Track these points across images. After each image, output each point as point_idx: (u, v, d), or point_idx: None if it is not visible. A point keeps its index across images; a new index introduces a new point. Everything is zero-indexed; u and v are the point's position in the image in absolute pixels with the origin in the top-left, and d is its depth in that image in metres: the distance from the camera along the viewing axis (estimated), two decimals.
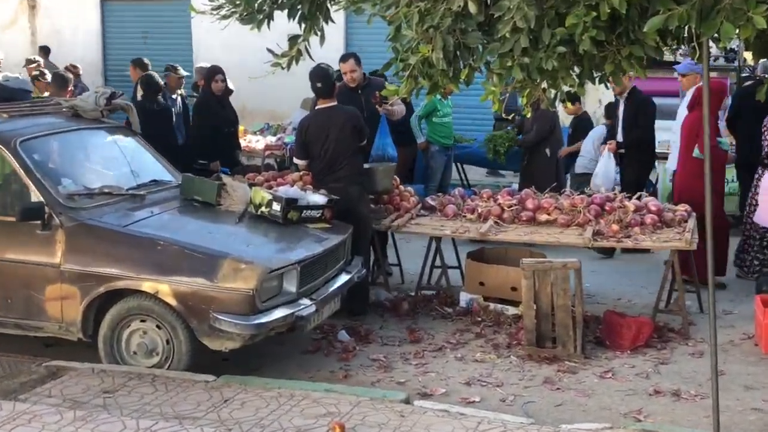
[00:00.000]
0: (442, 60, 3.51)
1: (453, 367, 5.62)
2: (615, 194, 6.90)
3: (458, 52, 3.65)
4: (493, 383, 5.33)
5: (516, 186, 8.47)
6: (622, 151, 8.40)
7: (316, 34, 4.03)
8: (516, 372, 5.51)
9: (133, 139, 6.59)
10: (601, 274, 7.83)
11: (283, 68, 4.06)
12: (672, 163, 8.23)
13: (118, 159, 6.34)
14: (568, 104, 8.16)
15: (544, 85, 4.00)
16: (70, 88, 7.87)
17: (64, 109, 6.38)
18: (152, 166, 6.48)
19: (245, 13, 3.91)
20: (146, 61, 9.92)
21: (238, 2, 3.87)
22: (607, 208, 6.66)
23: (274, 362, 5.68)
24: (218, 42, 13.53)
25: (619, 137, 8.45)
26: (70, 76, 8.45)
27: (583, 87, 4.06)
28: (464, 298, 6.68)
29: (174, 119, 8.98)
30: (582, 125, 9.68)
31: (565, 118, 10.17)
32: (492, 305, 6.54)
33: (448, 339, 6.10)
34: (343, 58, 7.40)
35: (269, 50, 4.11)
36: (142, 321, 5.21)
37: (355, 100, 7.16)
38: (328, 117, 6.55)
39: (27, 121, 5.88)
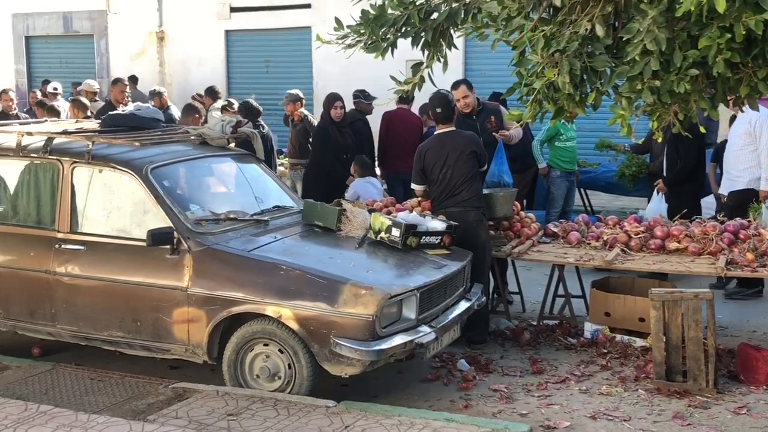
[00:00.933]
0: (568, 84, 3.43)
1: (578, 399, 5.45)
2: (750, 221, 6.58)
3: (585, 76, 3.56)
4: (620, 417, 5.13)
5: (643, 212, 8.17)
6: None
7: (439, 61, 4.02)
8: (644, 406, 5.30)
9: (256, 165, 6.74)
10: (734, 305, 7.47)
11: (405, 95, 4.05)
12: (723, 189, 8.00)
13: (243, 185, 6.50)
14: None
15: (675, 108, 3.85)
16: (197, 116, 8.12)
17: (191, 138, 6.58)
18: (275, 192, 6.61)
19: (369, 42, 3.93)
20: (217, 89, 10.37)
21: (362, 31, 3.90)
22: (741, 236, 6.36)
23: (393, 389, 5.65)
24: (337, 70, 13.78)
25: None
26: (198, 105, 8.73)
27: (717, 110, 3.89)
28: (589, 328, 6.49)
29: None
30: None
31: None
32: (618, 336, 6.32)
33: (572, 371, 5.93)
34: (454, 86, 7.34)
35: (392, 78, 4.12)
36: (265, 345, 5.28)
37: (471, 127, 7.10)
38: (448, 141, 6.52)
39: (157, 149, 6.08)
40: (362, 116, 9.61)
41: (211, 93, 11.23)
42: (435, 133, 6.72)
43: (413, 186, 6.78)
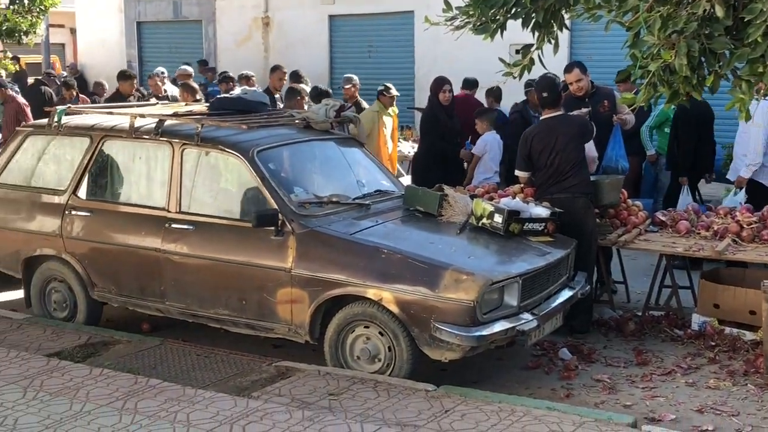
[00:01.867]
0: (685, 66, 3.30)
1: (684, 392, 5.30)
2: None
3: (703, 58, 3.42)
4: (728, 412, 4.96)
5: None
6: None
7: (550, 43, 3.93)
8: (753, 401, 5.11)
9: (359, 149, 6.77)
10: None
11: (514, 77, 3.99)
12: (732, 175, 7.86)
13: (345, 169, 6.54)
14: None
15: None
16: (299, 99, 8.20)
17: (296, 121, 6.66)
18: (376, 176, 6.64)
19: (479, 23, 3.88)
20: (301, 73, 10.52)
21: (471, 13, 3.86)
22: None
23: (492, 376, 5.61)
24: (440, 54, 13.74)
25: None
26: (303, 87, 8.82)
27: None
28: (697, 320, 6.29)
29: None
30: None
31: None
32: (728, 329, 6.10)
33: (678, 363, 5.76)
34: (568, 69, 7.20)
35: (501, 60, 4.06)
36: (366, 327, 5.32)
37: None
38: (556, 126, 6.39)
39: (263, 132, 6.17)
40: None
41: (295, 77, 11.20)
42: (541, 118, 6.61)
43: (517, 172, 6.69)
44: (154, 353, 5.70)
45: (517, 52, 4.17)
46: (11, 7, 7.34)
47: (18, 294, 6.96)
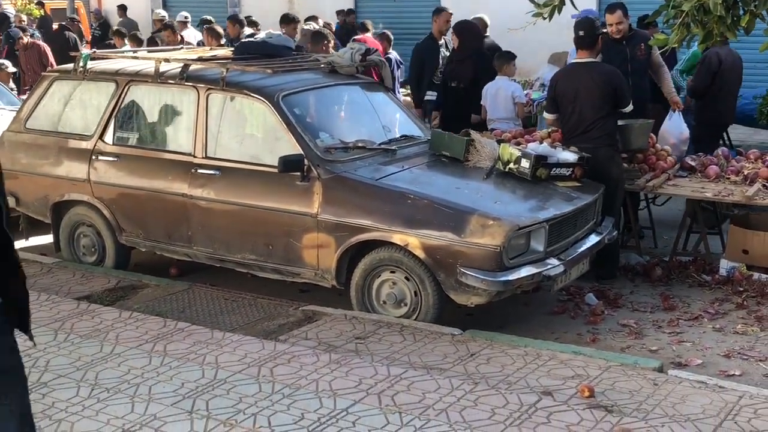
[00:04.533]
0: (720, 5, 3.22)
1: (710, 338, 5.28)
2: None
3: None
4: (756, 357, 4.95)
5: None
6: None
7: None
8: None
9: (384, 94, 6.71)
10: None
11: (544, 18, 3.91)
12: None
13: (371, 114, 6.50)
14: None
15: None
16: (326, 43, 8.13)
17: (321, 65, 6.61)
18: (402, 121, 6.59)
19: None
20: (241, 17, 10.31)
21: None
22: None
23: (518, 321, 5.62)
24: None
25: None
26: (327, 32, 8.74)
27: None
28: (725, 265, 6.24)
29: None
30: None
31: None
32: (756, 275, 6.05)
33: (705, 308, 5.74)
34: (611, 9, 6.98)
35: (531, 0, 3.97)
36: (392, 272, 5.33)
37: (619, 53, 6.82)
38: (583, 74, 6.27)
39: (288, 77, 6.12)
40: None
41: (238, 20, 11.01)
42: (572, 60, 6.50)
43: (545, 114, 6.62)
44: (182, 297, 5.76)
45: None
46: None
47: (46, 239, 7.05)
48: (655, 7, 4.08)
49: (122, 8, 16.45)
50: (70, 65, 6.74)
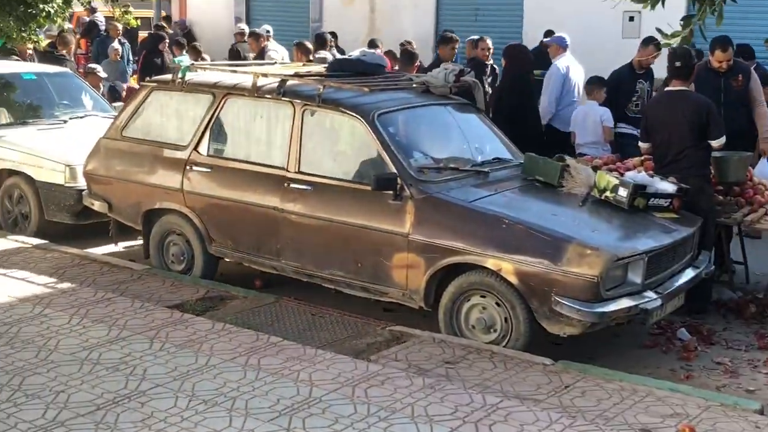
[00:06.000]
0: None
1: None
2: None
3: None
4: None
5: None
6: None
7: (713, 14, 3.75)
8: None
9: (477, 116, 6.67)
10: None
11: (673, 48, 3.82)
12: None
13: (463, 135, 6.46)
14: None
15: None
16: (416, 64, 8.13)
17: (414, 85, 6.60)
18: (494, 144, 6.53)
19: None
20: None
21: None
22: None
23: (608, 353, 5.50)
24: (549, 19, 13.39)
25: None
26: (416, 52, 8.74)
27: None
28: None
29: None
30: None
31: None
32: None
33: None
34: (723, 46, 6.79)
35: (658, 30, 3.90)
36: (482, 296, 5.27)
37: (714, 84, 6.67)
38: (676, 103, 6.13)
39: (383, 95, 6.13)
40: None
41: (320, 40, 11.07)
42: (665, 89, 6.38)
43: (640, 143, 6.51)
44: (269, 310, 5.78)
45: (631, 19, 3.96)
46: None
47: (132, 244, 7.17)
48: (755, 36, 3.94)
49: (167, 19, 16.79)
50: (169, 75, 6.86)
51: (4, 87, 8.56)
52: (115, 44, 12.48)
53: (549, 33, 8.52)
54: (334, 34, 13.61)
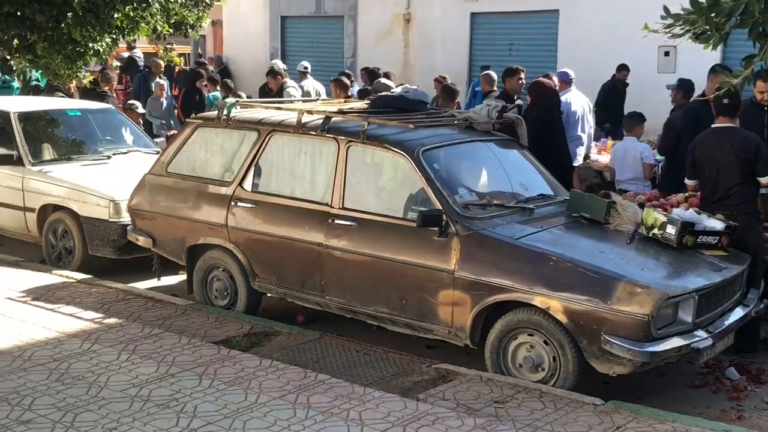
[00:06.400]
0: None
1: None
2: None
3: None
4: None
5: None
6: None
7: None
8: None
9: (520, 152, 6.67)
10: None
11: (735, 90, 3.80)
12: None
13: (507, 171, 6.44)
14: None
15: None
16: (457, 100, 8.16)
17: (457, 121, 6.62)
18: (538, 180, 6.51)
19: (700, 32, 3.72)
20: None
21: (693, 20, 3.69)
22: None
23: (656, 392, 5.43)
24: (584, 55, 13.44)
25: None
26: (458, 89, 8.78)
27: None
28: None
29: None
30: None
31: None
32: None
33: None
34: (765, 77, 6.78)
35: (722, 66, 3.88)
36: (530, 335, 5.23)
37: (758, 118, 6.62)
38: (722, 139, 6.10)
39: (427, 132, 6.15)
40: None
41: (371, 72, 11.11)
42: (712, 126, 6.34)
43: (687, 180, 6.46)
44: (314, 346, 5.77)
45: (666, 54, 3.95)
46: (179, 0, 7.60)
47: (175, 279, 7.21)
48: None
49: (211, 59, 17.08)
50: (214, 113, 6.93)
51: (49, 123, 8.72)
52: (161, 80, 12.68)
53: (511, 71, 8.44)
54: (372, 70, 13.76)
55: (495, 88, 9.94)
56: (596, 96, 11.65)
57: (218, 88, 12.25)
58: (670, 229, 5.55)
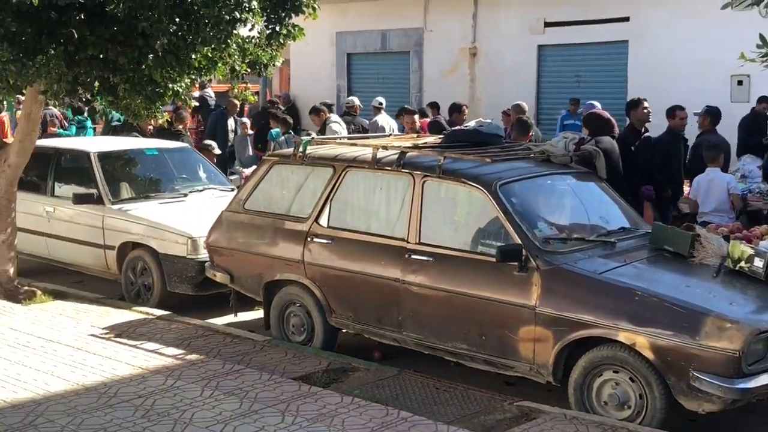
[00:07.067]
0: None
1: None
2: None
3: None
4: None
5: None
6: None
7: None
8: None
9: (598, 185, 6.58)
10: None
11: None
12: None
13: (586, 204, 6.36)
14: None
15: None
16: (531, 134, 8.11)
17: (533, 154, 6.57)
18: (618, 213, 6.41)
19: None
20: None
21: None
22: None
23: (741, 428, 5.25)
24: (652, 85, 13.24)
25: None
26: (531, 122, 8.74)
27: None
28: None
29: None
30: None
31: None
32: None
33: None
34: None
35: None
36: (615, 372, 5.12)
37: None
38: None
39: (504, 165, 6.12)
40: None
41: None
42: None
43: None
44: (393, 383, 5.73)
45: (740, 83, 3.86)
46: (253, 40, 7.75)
47: (250, 315, 7.25)
48: None
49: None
50: (290, 150, 7.01)
51: (128, 162, 8.92)
52: (244, 119, 13.04)
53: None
54: (436, 104, 13.80)
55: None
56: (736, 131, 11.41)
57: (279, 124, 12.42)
58: (758, 262, 5.40)
